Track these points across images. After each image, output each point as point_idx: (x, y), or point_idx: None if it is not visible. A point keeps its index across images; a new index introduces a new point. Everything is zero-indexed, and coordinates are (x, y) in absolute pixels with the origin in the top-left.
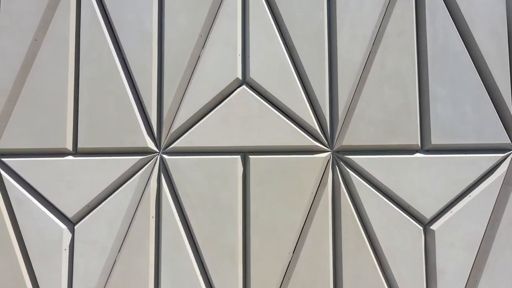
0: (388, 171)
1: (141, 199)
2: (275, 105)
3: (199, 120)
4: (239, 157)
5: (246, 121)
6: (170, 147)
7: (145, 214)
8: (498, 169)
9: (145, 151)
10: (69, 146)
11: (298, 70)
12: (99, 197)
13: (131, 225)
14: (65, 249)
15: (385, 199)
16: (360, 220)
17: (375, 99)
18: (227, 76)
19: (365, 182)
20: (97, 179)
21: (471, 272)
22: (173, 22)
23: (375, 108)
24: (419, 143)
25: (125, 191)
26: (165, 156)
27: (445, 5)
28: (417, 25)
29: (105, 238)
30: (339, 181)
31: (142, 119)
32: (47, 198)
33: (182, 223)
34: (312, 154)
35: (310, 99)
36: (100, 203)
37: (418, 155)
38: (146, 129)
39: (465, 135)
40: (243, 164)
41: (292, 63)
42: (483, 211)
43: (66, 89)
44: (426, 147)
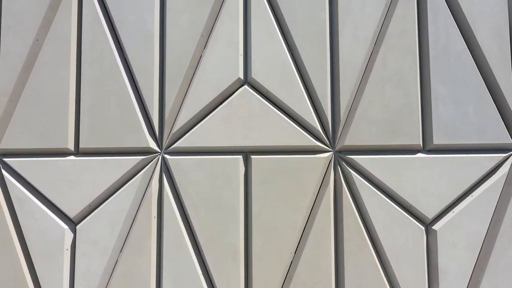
0: (390, 171)
1: (142, 199)
2: (277, 105)
3: (201, 120)
4: (241, 157)
5: (248, 121)
6: (171, 147)
7: (146, 214)
8: (500, 169)
9: (146, 151)
10: (70, 146)
11: (300, 70)
12: (100, 197)
13: (132, 225)
14: (66, 249)
15: (387, 199)
16: (362, 220)
17: (377, 99)
18: (228, 76)
19: (367, 182)
20: (98, 179)
21: (473, 272)
22: (175, 22)
23: (377, 108)
24: (421, 143)
25: (127, 191)
26: (166, 156)
27: (446, 5)
28: (418, 25)
29: (106, 238)
30: (341, 181)
31: (143, 119)
32: (48, 198)
33: (184, 223)
34: (314, 154)
35: (312, 99)
36: (101, 203)
37: (420, 155)
38: (147, 129)
39: (467, 135)
40: (245, 164)
41: (294, 63)
42: (485, 211)
43: (68, 89)
44: (428, 147)
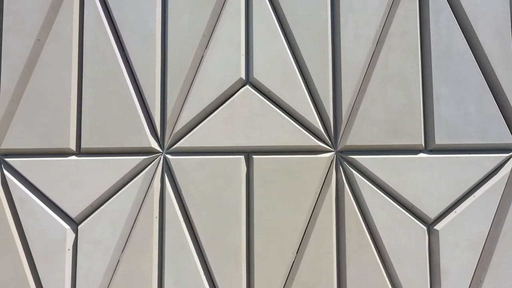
0: (391, 171)
1: (144, 199)
2: (279, 105)
3: (203, 120)
4: (242, 157)
5: (249, 121)
6: (173, 147)
7: (148, 214)
8: (502, 169)
9: (148, 151)
10: (72, 146)
11: (301, 70)
12: (102, 197)
13: (134, 225)
14: (68, 249)
15: (389, 199)
16: (364, 220)
17: (378, 99)
18: (230, 76)
19: (369, 182)
20: (100, 179)
21: (475, 272)
22: (177, 22)
23: (378, 108)
24: (422, 143)
25: (129, 191)
26: (168, 156)
27: (448, 5)
28: (420, 25)
29: (108, 238)
30: (342, 181)
31: (145, 119)
32: (50, 198)
33: (186, 223)
34: (316, 154)
35: (314, 99)
36: (103, 203)
37: (421, 155)
38: (149, 129)
39: (469, 135)
40: (246, 164)
41: (295, 63)
42: (487, 211)
43: (70, 89)
44: (429, 147)
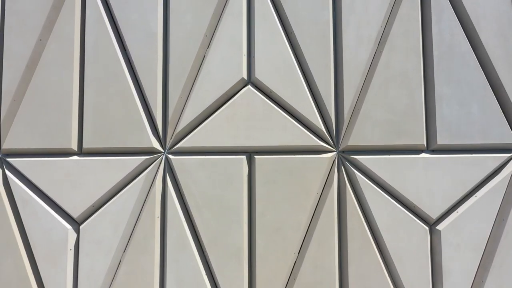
0: (393, 171)
1: (146, 199)
2: (280, 105)
3: (205, 120)
4: (244, 157)
5: (251, 121)
6: (175, 147)
7: (150, 214)
8: (504, 169)
9: (150, 151)
10: (74, 146)
11: (303, 70)
12: (104, 197)
13: (136, 225)
14: (70, 249)
15: (390, 199)
16: (365, 220)
17: (380, 99)
18: (232, 76)
19: (371, 182)
20: (102, 179)
21: (477, 272)
22: (178, 22)
23: (380, 108)
24: (424, 143)
25: (130, 191)
26: (170, 156)
27: (450, 5)
28: (422, 25)
29: (110, 238)
30: (344, 181)
31: (147, 119)
32: (52, 198)
33: (187, 223)
34: (318, 154)
35: (316, 99)
36: (105, 203)
37: (423, 155)
38: (151, 129)
39: (471, 135)
40: (248, 164)
41: (297, 63)
42: (489, 211)
43: (71, 89)
44: (431, 147)
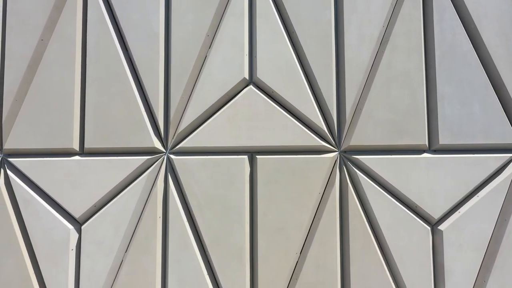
0: (395, 171)
1: (148, 199)
2: (282, 105)
3: (206, 120)
4: (246, 157)
5: (253, 121)
6: (177, 147)
7: (152, 214)
8: (506, 169)
9: (152, 151)
10: (75, 146)
11: (305, 70)
12: (106, 197)
13: (138, 225)
14: (72, 249)
15: (392, 199)
16: (367, 220)
17: (382, 99)
18: (234, 76)
19: (373, 182)
20: (104, 179)
21: (479, 272)
22: (180, 22)
23: (382, 108)
24: (426, 143)
25: (132, 191)
26: (172, 156)
27: (452, 5)
28: (424, 25)
29: (112, 238)
30: (346, 181)
31: (149, 119)
32: (53, 198)
33: (189, 223)
34: (320, 154)
35: (318, 99)
36: (107, 203)
37: (425, 155)
38: (153, 129)
39: (472, 135)
40: (250, 164)
41: (299, 63)
42: (491, 211)
43: (73, 89)
44: (433, 147)
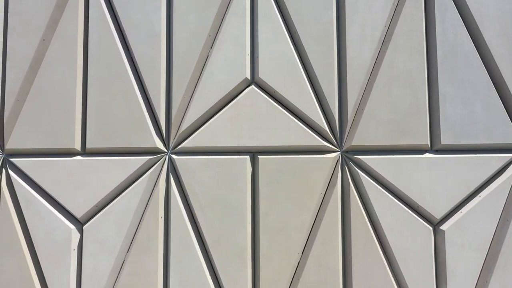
0: (397, 171)
1: (149, 199)
2: (284, 105)
3: (208, 120)
4: (248, 157)
5: (255, 121)
6: (178, 147)
7: (153, 214)
8: (508, 169)
9: (153, 151)
10: (77, 146)
11: (307, 70)
12: (107, 197)
13: (139, 225)
14: (73, 249)
15: (394, 199)
16: (369, 220)
17: (384, 99)
18: (235, 76)
19: (375, 182)
20: (105, 179)
21: (481, 272)
22: (182, 22)
23: (384, 108)
24: (428, 143)
25: (134, 191)
26: (173, 156)
27: (454, 5)
28: (426, 24)
29: (113, 238)
30: (348, 181)
31: (150, 119)
32: (55, 198)
33: (191, 223)
34: (321, 154)
35: (319, 99)
36: (108, 203)
37: (427, 155)
38: (154, 129)
39: (475, 135)
40: (252, 164)
41: (301, 62)
42: (493, 211)
43: (75, 89)
44: (435, 147)
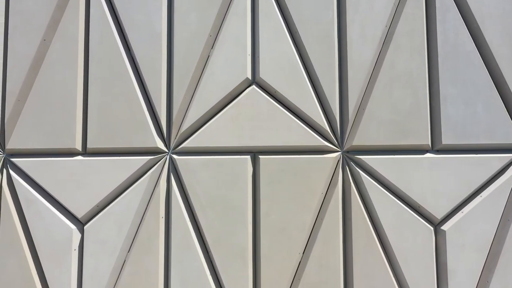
0: (398, 171)
1: (150, 199)
2: (285, 105)
3: (209, 120)
4: (248, 157)
5: (255, 121)
6: (179, 147)
7: (154, 214)
8: (509, 169)
9: (154, 151)
10: (78, 146)
11: (308, 70)
12: (108, 197)
13: (140, 225)
14: (74, 249)
15: (395, 199)
16: (370, 221)
17: (385, 99)
18: (236, 76)
19: (376, 182)
20: (106, 179)
21: (482, 272)
22: (183, 22)
23: (385, 108)
24: (429, 143)
25: (135, 191)
26: (174, 156)
27: (455, 5)
28: (427, 24)
29: (114, 239)
30: (349, 181)
31: (151, 119)
32: (56, 198)
33: (192, 223)
34: (322, 154)
35: (320, 99)
36: (109, 203)
37: (428, 155)
38: (155, 129)
39: (476, 135)
40: (253, 164)
41: (302, 62)
42: (494, 211)
43: (75, 89)
44: (436, 147)
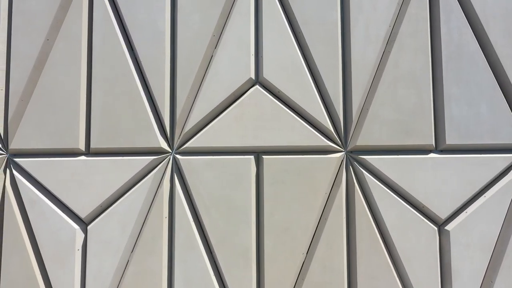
0: (402, 171)
1: (154, 199)
2: (289, 105)
3: (212, 120)
4: (252, 157)
5: (259, 121)
6: (183, 147)
7: (158, 215)
8: None
9: (158, 151)
10: (81, 146)
11: (311, 70)
12: (112, 198)
13: (144, 225)
14: (78, 249)
15: (399, 199)
16: (374, 221)
17: (389, 99)
18: (240, 76)
19: (379, 182)
20: (110, 179)
21: (486, 272)
22: (186, 22)
23: (389, 108)
24: (433, 143)
25: (138, 191)
26: (178, 156)
27: (459, 5)
28: (431, 25)
29: (118, 239)
30: (353, 181)
31: (155, 119)
32: (60, 198)
33: (195, 223)
34: (326, 154)
35: (324, 99)
36: (113, 204)
37: (432, 155)
38: (159, 129)
39: (479, 135)
40: (256, 164)
41: (305, 63)
42: (498, 211)
43: (79, 89)
44: (440, 147)
